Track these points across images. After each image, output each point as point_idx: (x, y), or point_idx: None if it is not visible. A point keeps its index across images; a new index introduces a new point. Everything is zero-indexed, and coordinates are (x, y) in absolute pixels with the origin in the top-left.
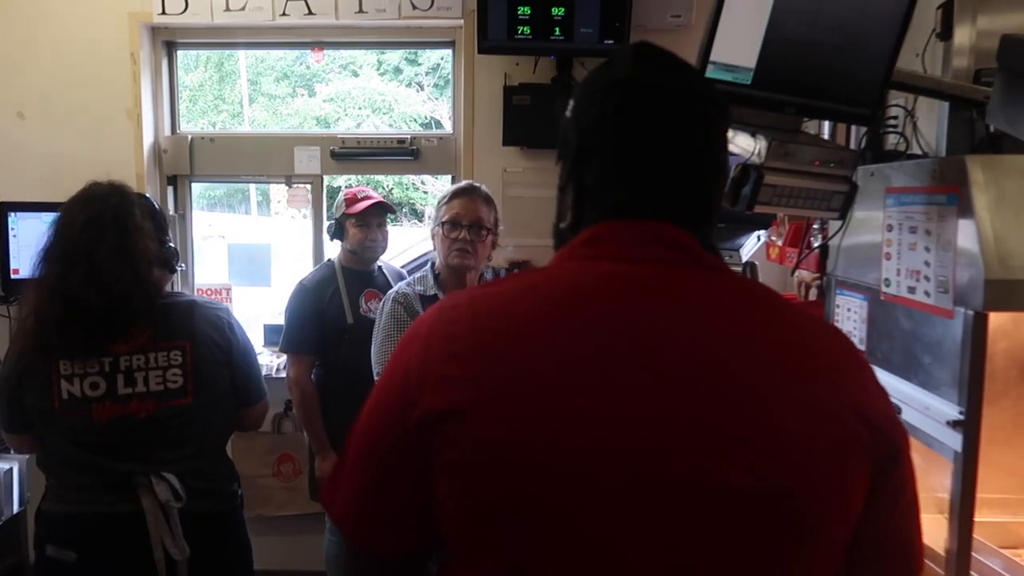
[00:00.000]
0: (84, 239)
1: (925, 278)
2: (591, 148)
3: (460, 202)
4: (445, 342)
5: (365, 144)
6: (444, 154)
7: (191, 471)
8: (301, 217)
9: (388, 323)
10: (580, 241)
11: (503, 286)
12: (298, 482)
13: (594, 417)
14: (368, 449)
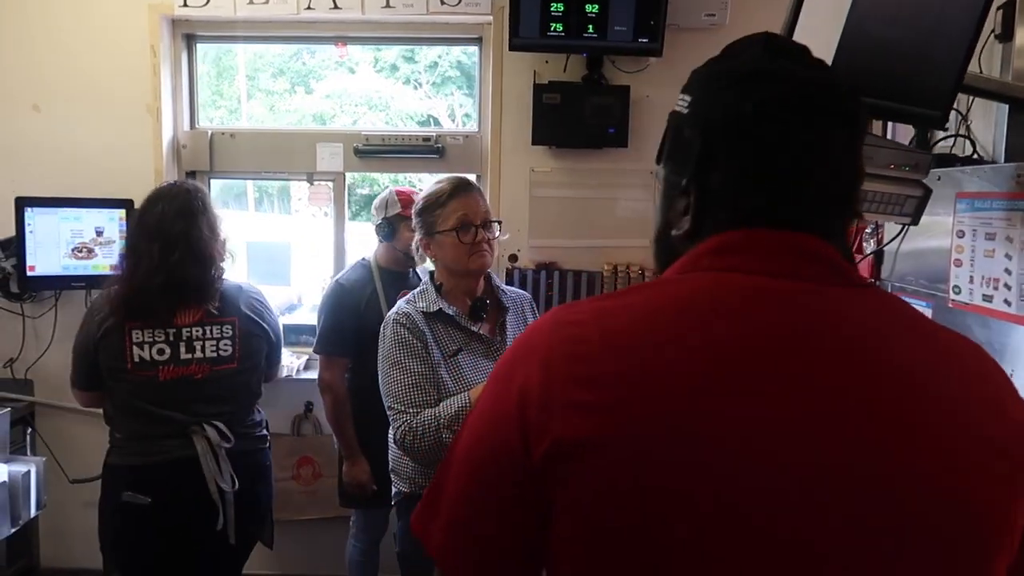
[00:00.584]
0: (180, 224)
1: (1006, 286)
2: (720, 147)
3: (463, 201)
4: (571, 363)
5: (389, 141)
6: (470, 153)
7: (231, 420)
8: (322, 215)
9: (395, 350)
10: (706, 250)
11: (624, 300)
12: (318, 486)
13: (750, 451)
14: (473, 480)
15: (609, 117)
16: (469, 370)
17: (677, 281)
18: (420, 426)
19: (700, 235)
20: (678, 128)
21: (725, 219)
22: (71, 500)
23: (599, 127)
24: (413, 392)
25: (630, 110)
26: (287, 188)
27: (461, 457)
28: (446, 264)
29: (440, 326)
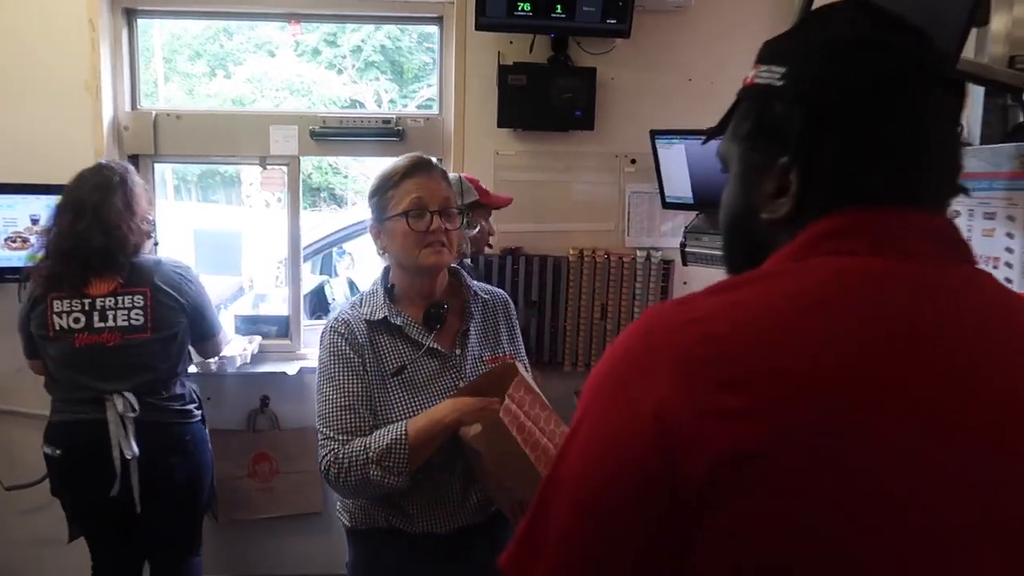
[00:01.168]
0: (95, 196)
1: (1007, 264)
2: (831, 123)
3: (417, 182)
4: (711, 366)
5: (347, 124)
6: (432, 136)
7: (149, 390)
8: (276, 201)
9: (330, 364)
10: (823, 234)
11: (740, 294)
12: (276, 483)
13: (917, 450)
14: (594, 512)
15: (575, 99)
16: (417, 392)
17: (795, 270)
18: (347, 457)
19: (802, 218)
20: (766, 102)
21: (834, 200)
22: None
23: (565, 109)
24: (345, 416)
25: (596, 92)
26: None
27: (573, 490)
28: (395, 258)
29: (385, 337)
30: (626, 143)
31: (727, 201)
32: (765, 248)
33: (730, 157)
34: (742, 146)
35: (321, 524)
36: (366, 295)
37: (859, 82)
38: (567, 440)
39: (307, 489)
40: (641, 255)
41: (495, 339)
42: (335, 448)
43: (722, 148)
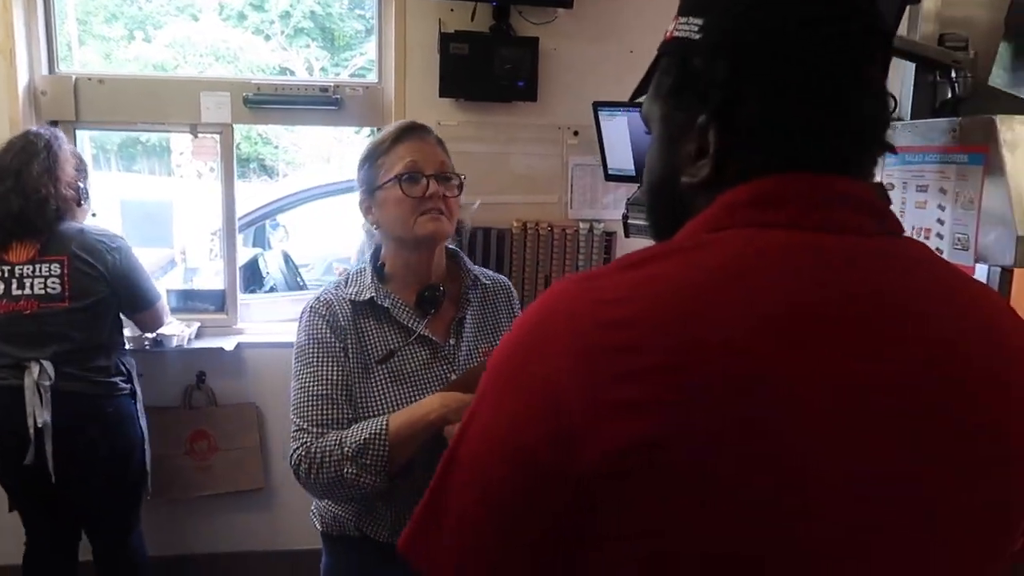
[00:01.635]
0: (16, 161)
1: (938, 235)
2: (751, 77)
3: (411, 146)
4: (615, 354)
5: (283, 91)
6: (371, 105)
7: (68, 360)
8: (208, 171)
9: (308, 348)
10: (740, 202)
11: (656, 268)
12: (215, 460)
13: (830, 438)
14: (489, 499)
15: (518, 70)
16: (403, 383)
17: (714, 243)
18: (320, 452)
19: (722, 182)
20: (685, 58)
21: (756, 162)
22: None
23: (508, 80)
24: (321, 406)
25: (539, 63)
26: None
27: (469, 474)
28: (388, 231)
29: (371, 321)
30: (569, 115)
31: (649, 164)
32: (687, 214)
33: (652, 117)
34: (664, 105)
35: (263, 501)
36: (353, 274)
37: (781, 29)
38: (468, 418)
39: (247, 466)
40: (584, 227)
41: (494, 330)
42: (307, 441)
43: (644, 108)
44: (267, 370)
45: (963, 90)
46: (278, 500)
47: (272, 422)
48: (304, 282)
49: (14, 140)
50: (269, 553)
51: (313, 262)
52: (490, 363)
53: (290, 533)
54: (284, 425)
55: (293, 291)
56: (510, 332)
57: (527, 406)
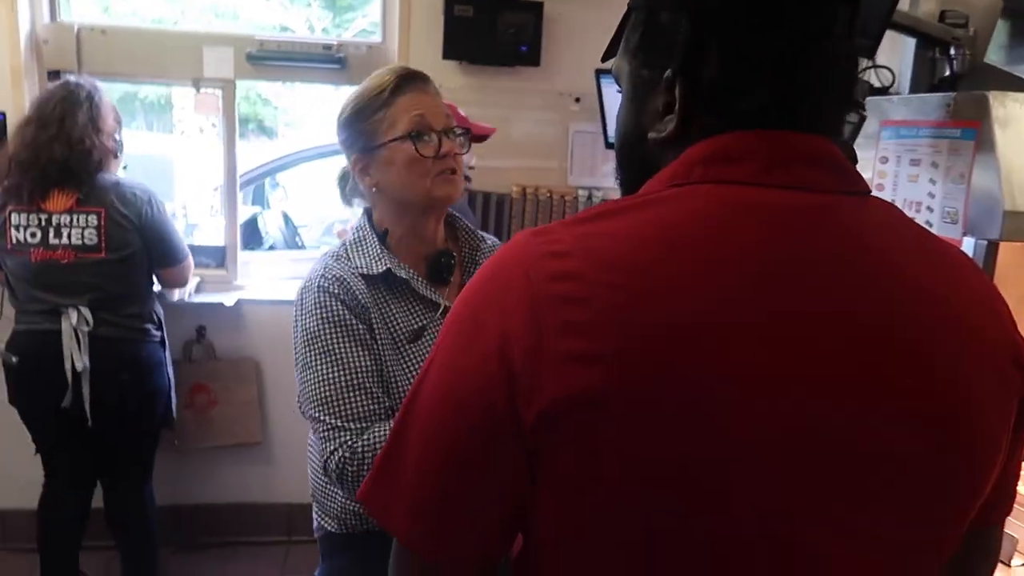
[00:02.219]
0: (59, 110)
1: (928, 208)
2: (713, 31)
3: (415, 98)
4: (563, 305)
5: (286, 48)
6: (374, 65)
7: (103, 306)
8: (210, 127)
9: (325, 333)
10: (699, 158)
11: (610, 224)
12: (214, 413)
13: (773, 394)
14: (443, 448)
15: (521, 34)
16: None
17: (670, 199)
18: (370, 450)
19: (687, 138)
20: (652, 11)
21: (718, 118)
22: None
23: (512, 44)
24: (357, 398)
25: (543, 28)
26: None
27: (424, 422)
28: (394, 194)
29: (390, 297)
30: (571, 81)
31: (619, 121)
32: (654, 171)
33: (621, 73)
34: (631, 61)
35: (260, 455)
36: (349, 245)
37: None
38: (426, 366)
39: (246, 419)
40: (583, 194)
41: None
42: (348, 440)
43: (615, 65)
44: (266, 326)
45: (961, 67)
46: (275, 455)
47: (270, 377)
48: (303, 242)
49: (54, 89)
50: (266, 505)
51: (311, 223)
52: (450, 313)
53: (287, 487)
54: (282, 380)
55: (292, 250)
56: (469, 283)
57: (480, 356)
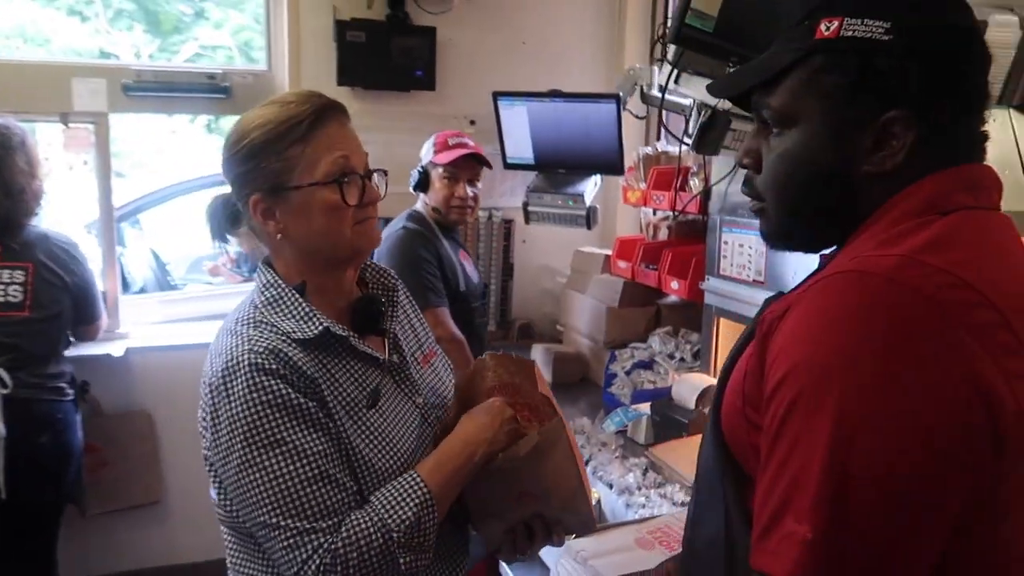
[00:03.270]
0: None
1: None
2: (943, 78)
3: (336, 133)
4: (993, 330)
5: (164, 78)
6: (263, 93)
7: (19, 366)
8: (82, 164)
9: (272, 423)
10: (955, 187)
11: (961, 254)
12: (106, 475)
13: None
14: (908, 502)
15: (416, 59)
16: (392, 425)
17: (977, 221)
18: (356, 551)
19: (909, 172)
20: (866, 56)
21: (947, 155)
22: None
23: (406, 69)
24: (322, 491)
25: (437, 52)
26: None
27: (878, 489)
28: (307, 243)
29: (332, 360)
30: (466, 104)
31: (803, 157)
32: (854, 200)
33: (801, 111)
34: (828, 100)
35: (159, 514)
36: (262, 306)
37: (966, 38)
38: (826, 438)
39: (142, 477)
40: (483, 215)
41: (411, 329)
42: (325, 543)
43: (781, 103)
44: (156, 374)
45: None
46: (175, 512)
47: (165, 429)
48: (175, 281)
49: None
50: (169, 568)
51: (175, 260)
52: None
53: (189, 546)
54: (178, 431)
55: (165, 290)
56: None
57: (949, 395)
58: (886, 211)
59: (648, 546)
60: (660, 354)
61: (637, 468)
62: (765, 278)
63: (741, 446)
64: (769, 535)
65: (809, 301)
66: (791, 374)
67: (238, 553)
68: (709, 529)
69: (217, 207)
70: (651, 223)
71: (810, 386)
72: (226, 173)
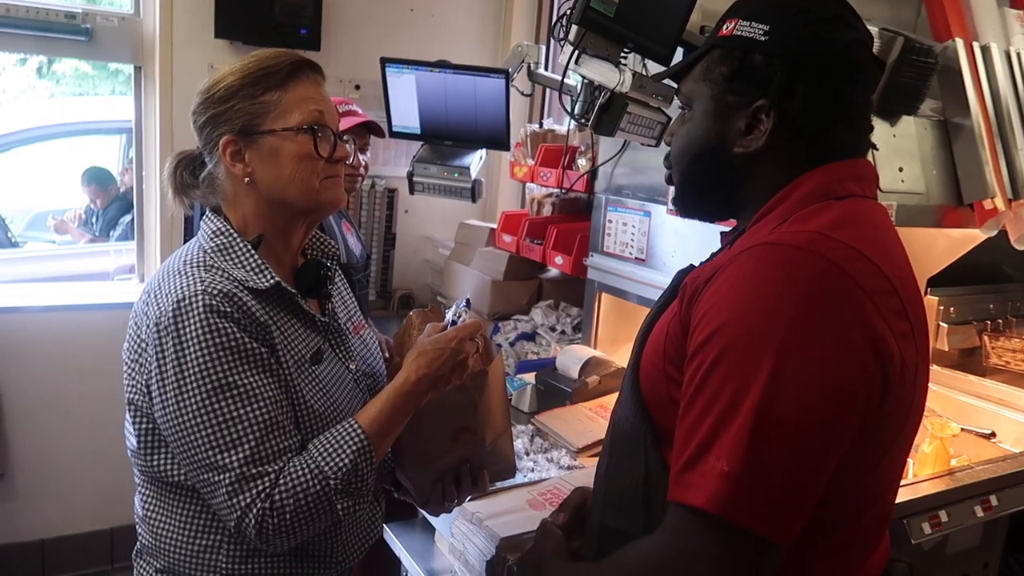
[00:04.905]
0: None
1: None
2: (804, 78)
3: (312, 89)
4: (883, 296)
5: (18, 14)
6: (128, 39)
7: None
8: None
9: (218, 361)
10: (844, 177)
11: (857, 231)
12: None
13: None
14: (816, 441)
15: (301, 17)
16: (334, 383)
17: (865, 207)
18: (293, 497)
19: (768, 155)
20: (747, 52)
21: (805, 145)
22: None
23: (290, 26)
24: (271, 437)
25: (323, 11)
26: None
27: (798, 422)
28: (272, 190)
29: (279, 314)
30: (351, 68)
31: (694, 134)
32: (736, 176)
33: (697, 95)
34: (714, 87)
35: (3, 490)
36: (212, 252)
37: (835, 48)
38: (766, 380)
39: None
40: (366, 183)
41: (341, 298)
42: (264, 489)
43: (687, 87)
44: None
45: None
46: (21, 487)
47: (10, 398)
48: (15, 239)
49: None
50: (16, 546)
51: (14, 215)
52: (761, 327)
53: (39, 522)
54: (25, 402)
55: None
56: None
57: (851, 352)
58: (787, 195)
59: (539, 507)
60: (542, 326)
61: (524, 435)
62: (646, 256)
63: (659, 400)
64: (690, 470)
65: (735, 268)
66: (720, 330)
67: (154, 507)
68: (626, 480)
69: (178, 162)
70: (535, 199)
71: (739, 340)
72: (196, 118)
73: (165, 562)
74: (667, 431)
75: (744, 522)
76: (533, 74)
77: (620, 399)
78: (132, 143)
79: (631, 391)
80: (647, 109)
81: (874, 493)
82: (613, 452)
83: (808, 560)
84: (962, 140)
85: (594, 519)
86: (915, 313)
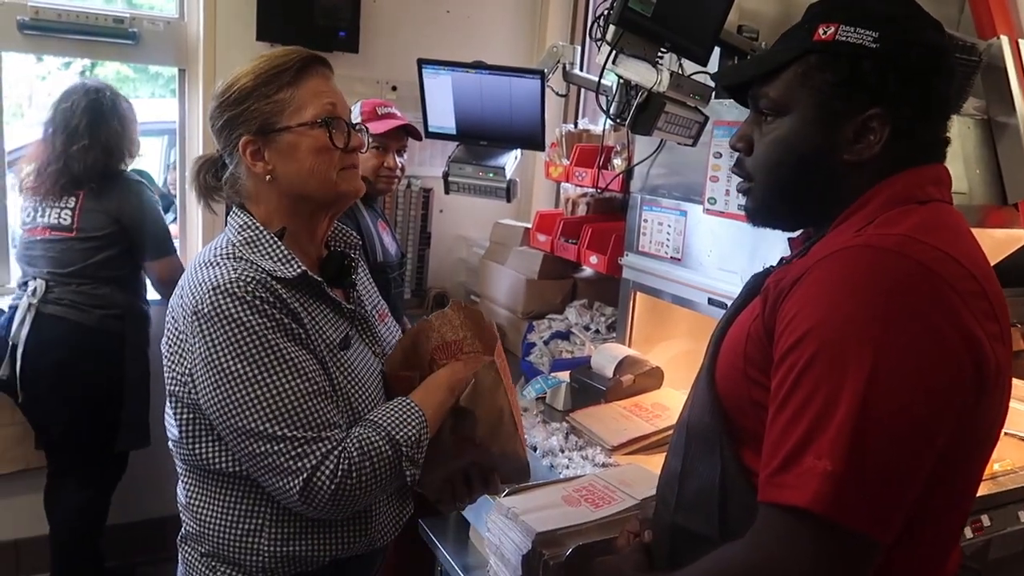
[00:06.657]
0: (85, 120)
1: None
2: (916, 84)
3: (323, 83)
4: (974, 298)
5: (68, 18)
6: (174, 43)
7: (66, 285)
8: None
9: (264, 336)
10: (925, 181)
11: (944, 236)
12: None
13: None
14: (916, 440)
15: (339, 19)
16: (359, 370)
17: (946, 212)
18: (365, 459)
19: (880, 164)
20: (856, 60)
21: (907, 149)
22: None
23: (330, 29)
24: (323, 404)
25: (361, 14)
26: None
27: (893, 421)
28: (293, 185)
29: (312, 302)
30: (389, 69)
31: (793, 142)
32: (838, 183)
33: (794, 102)
34: (819, 94)
35: None
36: (240, 245)
37: (937, 54)
38: (860, 379)
39: None
40: (402, 183)
41: (365, 287)
42: (334, 448)
43: (777, 93)
44: None
45: None
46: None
47: None
48: None
49: (76, 96)
50: None
51: None
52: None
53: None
54: None
55: None
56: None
57: (946, 352)
58: (869, 199)
59: (574, 503)
60: (576, 325)
61: (559, 432)
62: (682, 256)
63: (737, 402)
64: (786, 471)
65: (824, 270)
66: (813, 332)
67: (197, 494)
68: (702, 481)
69: (200, 166)
70: (570, 198)
71: (833, 342)
72: (214, 122)
73: (209, 547)
74: (744, 432)
75: (849, 521)
76: (568, 74)
77: (693, 400)
78: (175, 144)
79: (707, 392)
80: (684, 108)
81: (959, 495)
82: (687, 453)
83: (895, 560)
84: (1006, 139)
85: (664, 520)
86: (1003, 316)
